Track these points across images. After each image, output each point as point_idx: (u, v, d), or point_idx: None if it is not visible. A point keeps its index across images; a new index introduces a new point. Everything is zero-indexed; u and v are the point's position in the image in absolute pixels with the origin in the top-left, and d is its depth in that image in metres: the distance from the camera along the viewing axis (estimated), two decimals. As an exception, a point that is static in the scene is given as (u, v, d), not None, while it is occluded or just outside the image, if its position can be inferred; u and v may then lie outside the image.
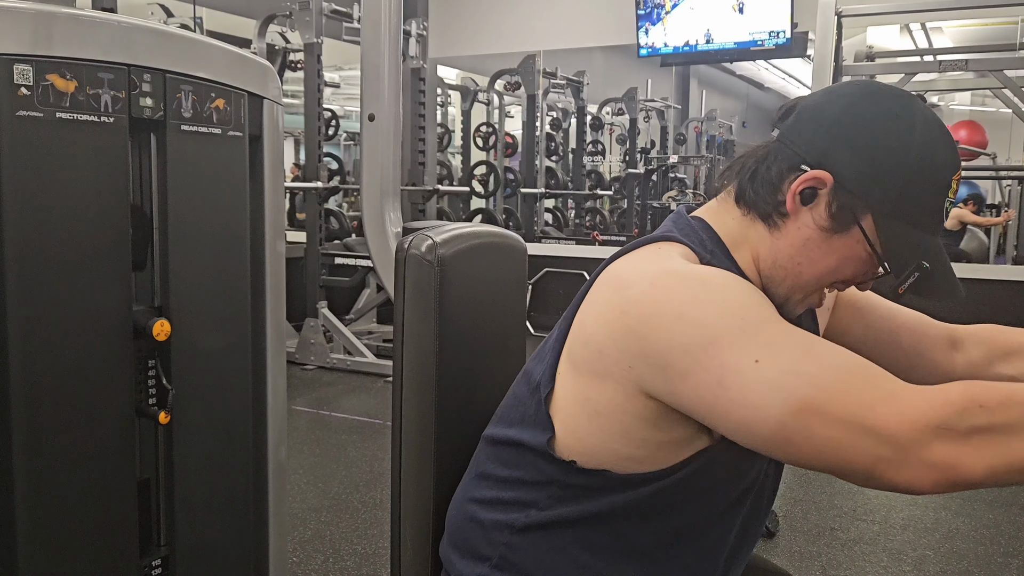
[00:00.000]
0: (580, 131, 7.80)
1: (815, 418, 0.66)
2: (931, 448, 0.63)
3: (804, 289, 0.85)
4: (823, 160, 0.80)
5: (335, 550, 2.43)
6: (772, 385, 0.68)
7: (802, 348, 0.70)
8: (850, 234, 0.81)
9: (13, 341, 1.08)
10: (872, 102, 0.82)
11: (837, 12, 4.62)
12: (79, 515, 1.17)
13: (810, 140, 0.82)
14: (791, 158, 0.82)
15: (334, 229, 6.15)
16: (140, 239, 1.23)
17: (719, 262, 0.83)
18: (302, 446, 3.37)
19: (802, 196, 0.81)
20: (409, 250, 0.98)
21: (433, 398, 0.99)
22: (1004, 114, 7.14)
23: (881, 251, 0.80)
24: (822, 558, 2.46)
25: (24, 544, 1.12)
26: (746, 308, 0.73)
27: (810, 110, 0.84)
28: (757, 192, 0.84)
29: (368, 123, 4.38)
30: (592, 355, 0.80)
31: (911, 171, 0.79)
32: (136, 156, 1.24)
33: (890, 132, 0.79)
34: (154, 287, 1.27)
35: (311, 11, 4.77)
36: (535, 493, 0.86)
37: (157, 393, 1.27)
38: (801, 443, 0.67)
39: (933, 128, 0.81)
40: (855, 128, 0.80)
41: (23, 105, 1.06)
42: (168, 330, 1.22)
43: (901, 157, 0.79)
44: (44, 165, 1.09)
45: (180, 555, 1.32)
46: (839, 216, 0.80)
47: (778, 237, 0.84)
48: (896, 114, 0.80)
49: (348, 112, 8.72)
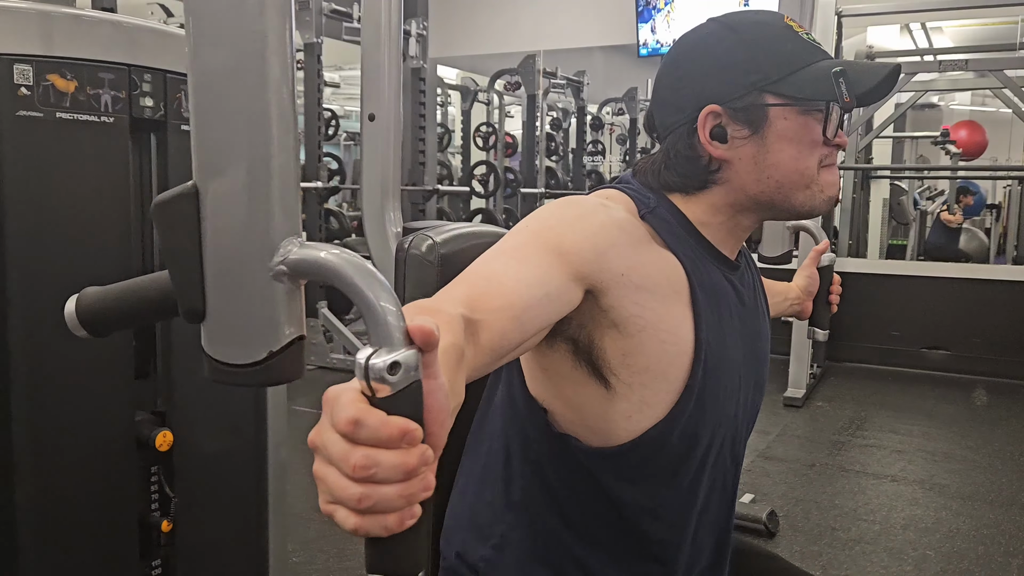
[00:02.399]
0: (580, 131, 7.79)
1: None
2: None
3: (802, 186, 0.86)
4: (699, 102, 0.84)
5: (338, 550, 2.42)
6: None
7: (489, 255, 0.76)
8: (772, 119, 0.83)
9: (16, 341, 1.08)
10: (688, 38, 0.89)
11: (837, 12, 4.62)
12: (79, 523, 1.17)
13: (676, 103, 0.87)
14: (680, 129, 0.86)
15: (334, 229, 6.14)
16: (144, 349, 1.25)
17: (658, 216, 0.85)
18: (303, 446, 3.37)
19: (715, 135, 0.84)
20: (409, 250, 0.98)
21: (433, 398, 0.99)
22: (1004, 114, 7.15)
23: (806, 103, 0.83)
24: (823, 558, 2.46)
25: (24, 545, 1.12)
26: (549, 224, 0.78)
27: (656, 96, 0.90)
28: (683, 173, 0.87)
29: (368, 123, 4.37)
30: None
31: (756, 45, 0.84)
32: (136, 156, 1.24)
33: (716, 38, 0.86)
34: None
35: (311, 11, 4.77)
36: (515, 441, 0.88)
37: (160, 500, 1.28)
38: None
39: (742, 12, 0.88)
40: (692, 62, 0.87)
41: (23, 105, 1.06)
42: (171, 440, 1.24)
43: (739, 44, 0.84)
44: (44, 165, 1.09)
45: (180, 555, 1.31)
46: (751, 117, 0.84)
47: (728, 182, 0.86)
48: (708, 28, 0.87)
49: (348, 112, 8.72)
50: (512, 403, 0.89)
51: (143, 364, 1.25)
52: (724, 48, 0.85)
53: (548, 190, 7.46)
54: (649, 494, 0.87)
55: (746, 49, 0.84)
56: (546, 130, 7.84)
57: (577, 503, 0.87)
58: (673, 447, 0.84)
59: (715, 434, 0.88)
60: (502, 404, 0.91)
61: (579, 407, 0.84)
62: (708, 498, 0.92)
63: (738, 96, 0.83)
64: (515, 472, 0.89)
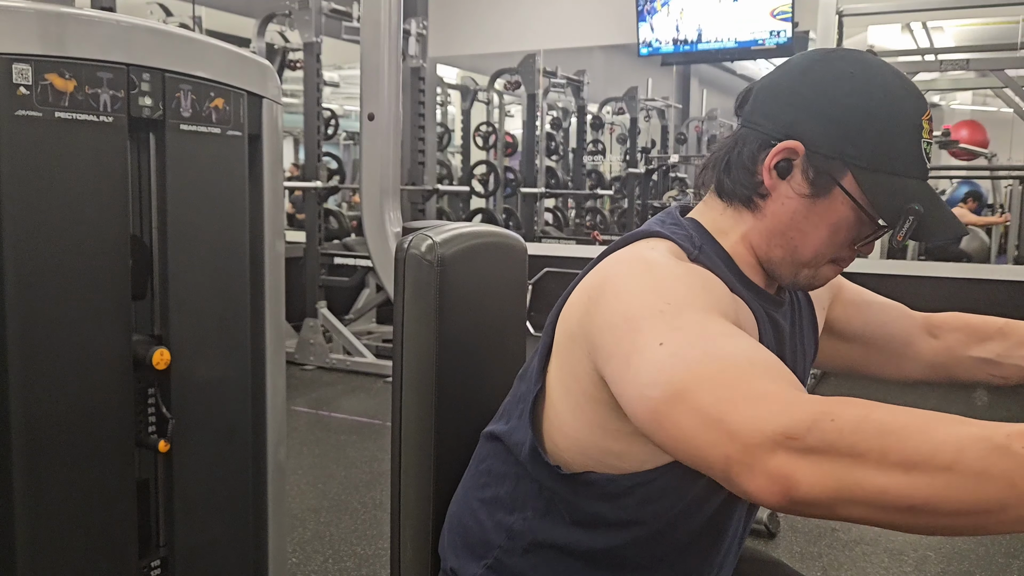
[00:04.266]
0: (580, 130, 7.79)
1: (681, 407, 0.61)
2: (772, 456, 0.55)
3: (807, 265, 0.85)
4: (790, 131, 0.81)
5: (334, 551, 2.42)
6: (660, 367, 0.64)
7: (706, 337, 0.66)
8: (833, 196, 0.80)
9: (11, 336, 1.08)
10: (824, 65, 0.82)
11: (838, 11, 4.62)
12: (78, 519, 1.17)
13: (772, 115, 0.82)
14: (759, 138, 0.83)
15: (333, 229, 6.14)
16: (140, 269, 1.24)
17: (707, 257, 0.83)
18: (301, 446, 3.37)
19: (778, 169, 0.81)
20: (409, 250, 0.98)
21: (433, 398, 0.98)
22: (1005, 113, 7.14)
23: (867, 205, 0.80)
24: (823, 559, 2.45)
25: (23, 547, 1.12)
26: (675, 293, 0.72)
27: (766, 88, 0.84)
28: (735, 180, 0.84)
29: (368, 122, 4.37)
30: (566, 342, 0.81)
31: (878, 120, 0.79)
32: (135, 156, 1.23)
33: (849, 89, 0.79)
34: (153, 284, 1.27)
35: (310, 10, 4.76)
36: (528, 486, 0.86)
37: (157, 422, 1.27)
38: (668, 430, 0.62)
39: (889, 76, 0.81)
40: (814, 92, 0.81)
41: (22, 104, 1.05)
42: (168, 359, 1.22)
43: (864, 110, 0.79)
44: (43, 165, 1.08)
45: (179, 555, 1.31)
46: (817, 181, 0.80)
47: (764, 218, 0.84)
48: (850, 72, 0.80)
49: (348, 111, 8.71)
50: (515, 459, 0.87)
51: (140, 285, 1.24)
52: (849, 103, 0.79)
53: (548, 190, 7.47)
54: (678, 519, 0.84)
55: (864, 119, 0.79)
56: (546, 130, 7.84)
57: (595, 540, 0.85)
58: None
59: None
60: (509, 432, 0.89)
61: (612, 434, 0.80)
62: (738, 523, 0.91)
63: (824, 154, 0.79)
64: (520, 503, 0.87)
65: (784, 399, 0.58)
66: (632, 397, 0.67)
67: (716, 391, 0.60)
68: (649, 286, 0.74)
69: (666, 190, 7.37)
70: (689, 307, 0.70)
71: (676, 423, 0.62)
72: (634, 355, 0.67)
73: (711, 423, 0.59)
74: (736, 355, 0.64)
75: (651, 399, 0.64)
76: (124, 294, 1.19)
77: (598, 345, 0.74)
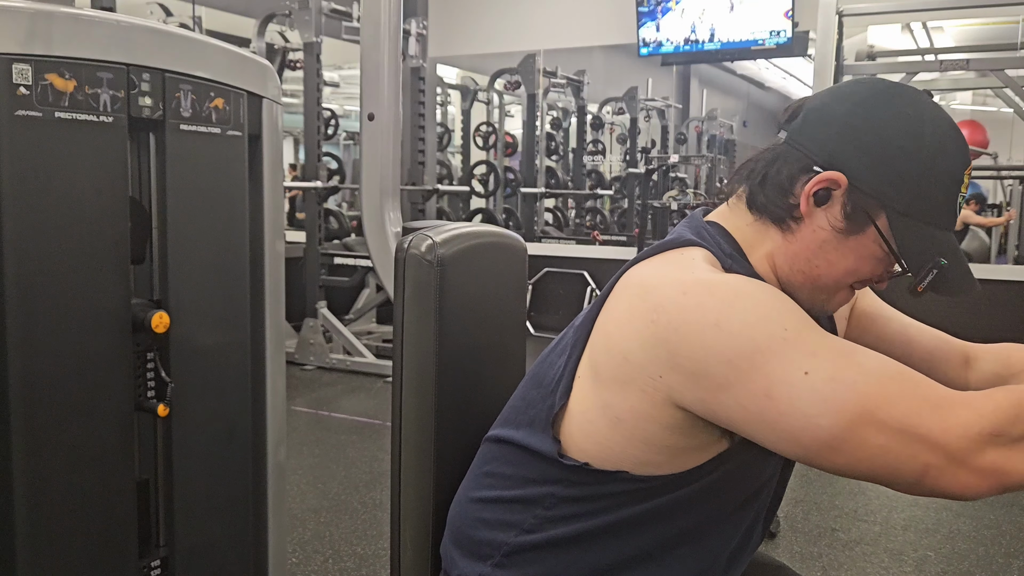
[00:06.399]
0: (580, 130, 7.79)
1: (867, 428, 0.67)
2: (983, 455, 0.64)
3: (825, 291, 0.85)
4: (834, 161, 0.80)
5: (335, 551, 2.42)
6: (822, 396, 0.68)
7: (845, 356, 0.70)
8: (866, 234, 0.80)
9: (11, 338, 1.08)
10: (880, 100, 0.81)
11: (838, 11, 4.62)
12: (78, 515, 1.17)
13: (820, 141, 0.81)
14: (801, 160, 0.81)
15: (333, 229, 6.14)
16: (139, 233, 1.23)
17: (740, 268, 0.83)
18: (301, 446, 3.37)
19: (816, 197, 0.80)
20: (409, 250, 0.98)
21: (433, 398, 0.98)
22: (1005, 113, 7.14)
23: (898, 250, 0.80)
24: (823, 559, 2.45)
25: (23, 545, 1.11)
26: (784, 316, 0.73)
27: (817, 111, 0.83)
28: (768, 196, 0.83)
29: (368, 122, 4.38)
30: (616, 362, 0.78)
31: (923, 169, 0.78)
32: (135, 155, 1.23)
33: (901, 131, 0.79)
34: (153, 283, 1.27)
35: (310, 10, 4.76)
36: (541, 491, 0.85)
37: (156, 387, 1.27)
38: (852, 452, 0.68)
39: (942, 124, 0.80)
40: (865, 127, 0.79)
41: (22, 104, 1.05)
42: (167, 322, 1.22)
43: (913, 155, 0.78)
44: (43, 164, 1.08)
45: (179, 556, 1.31)
46: (854, 216, 0.80)
47: (792, 241, 0.83)
48: (905, 112, 0.80)
49: (348, 111, 8.71)
50: (539, 453, 0.86)
51: (139, 248, 1.23)
52: (900, 145, 0.78)
53: (548, 190, 7.47)
54: (699, 518, 0.84)
55: (911, 165, 0.78)
56: (546, 130, 7.85)
57: (609, 534, 0.84)
58: (739, 468, 0.83)
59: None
60: (526, 439, 0.87)
61: (658, 448, 0.79)
62: (752, 527, 0.91)
63: (865, 191, 0.79)
64: (527, 505, 0.86)
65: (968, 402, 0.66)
66: (792, 429, 0.69)
67: (896, 407, 0.66)
68: (752, 312, 0.72)
69: (666, 190, 7.36)
70: (804, 327, 0.72)
71: (861, 445, 0.67)
72: (776, 387, 0.69)
73: (905, 437, 0.66)
74: (886, 368, 0.70)
75: (826, 427, 0.68)
76: (123, 259, 1.19)
77: (701, 376, 0.72)
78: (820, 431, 0.68)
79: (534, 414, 0.86)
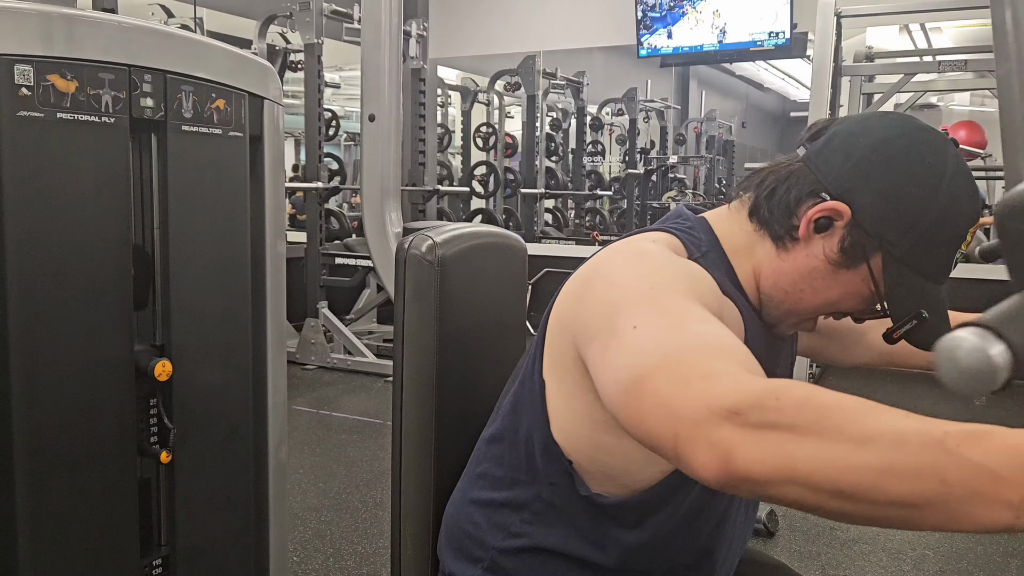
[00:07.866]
0: (580, 131, 7.80)
1: (641, 387, 0.61)
2: (715, 429, 0.55)
3: (800, 315, 0.85)
4: (845, 193, 0.79)
5: (335, 549, 2.43)
6: (632, 351, 0.64)
7: (678, 320, 0.66)
8: (857, 271, 0.80)
9: (13, 338, 1.08)
10: (905, 143, 0.79)
11: (836, 12, 4.63)
12: (79, 514, 1.17)
13: (836, 169, 0.80)
14: (813, 184, 0.81)
15: (334, 229, 6.15)
16: (142, 278, 1.24)
17: (711, 263, 0.82)
18: (302, 446, 3.37)
19: (817, 224, 0.80)
20: (409, 250, 0.98)
21: (433, 398, 0.99)
22: (1004, 114, 7.12)
23: (884, 294, 0.80)
24: (821, 557, 2.46)
25: (25, 544, 1.12)
26: (660, 278, 0.72)
27: (841, 137, 0.82)
28: (772, 211, 0.83)
29: (368, 123, 4.38)
30: (557, 331, 0.81)
31: (932, 222, 0.78)
32: (137, 156, 1.24)
33: (917, 179, 0.78)
34: (154, 287, 1.27)
35: (311, 12, 4.77)
36: (528, 492, 0.86)
37: (159, 432, 1.27)
38: (631, 412, 0.62)
39: (961, 180, 0.79)
40: (884, 167, 0.78)
41: (24, 105, 1.06)
42: (169, 369, 1.23)
43: (925, 207, 0.78)
44: (45, 165, 1.09)
45: (181, 554, 1.32)
46: (850, 251, 0.80)
47: (784, 259, 0.83)
48: (928, 161, 0.78)
49: (348, 112, 8.71)
50: (516, 462, 0.87)
51: (141, 294, 1.24)
52: (912, 193, 0.77)
53: (548, 190, 7.47)
54: (680, 520, 0.85)
55: (919, 215, 0.77)
56: (546, 130, 7.85)
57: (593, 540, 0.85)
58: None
59: None
60: (503, 456, 0.89)
61: (618, 456, 0.80)
62: (733, 528, 0.91)
63: (867, 227, 0.78)
64: (517, 506, 0.87)
65: (733, 378, 0.58)
66: (605, 381, 0.66)
67: (673, 373, 0.60)
68: (636, 272, 0.74)
69: (665, 191, 7.38)
70: (672, 292, 0.70)
71: (636, 405, 0.61)
72: (612, 339, 0.67)
73: (663, 404, 0.59)
74: (702, 338, 0.63)
75: (619, 382, 0.63)
76: (126, 304, 1.20)
77: (582, 329, 0.74)
78: (617, 385, 0.64)
79: (517, 402, 0.88)
